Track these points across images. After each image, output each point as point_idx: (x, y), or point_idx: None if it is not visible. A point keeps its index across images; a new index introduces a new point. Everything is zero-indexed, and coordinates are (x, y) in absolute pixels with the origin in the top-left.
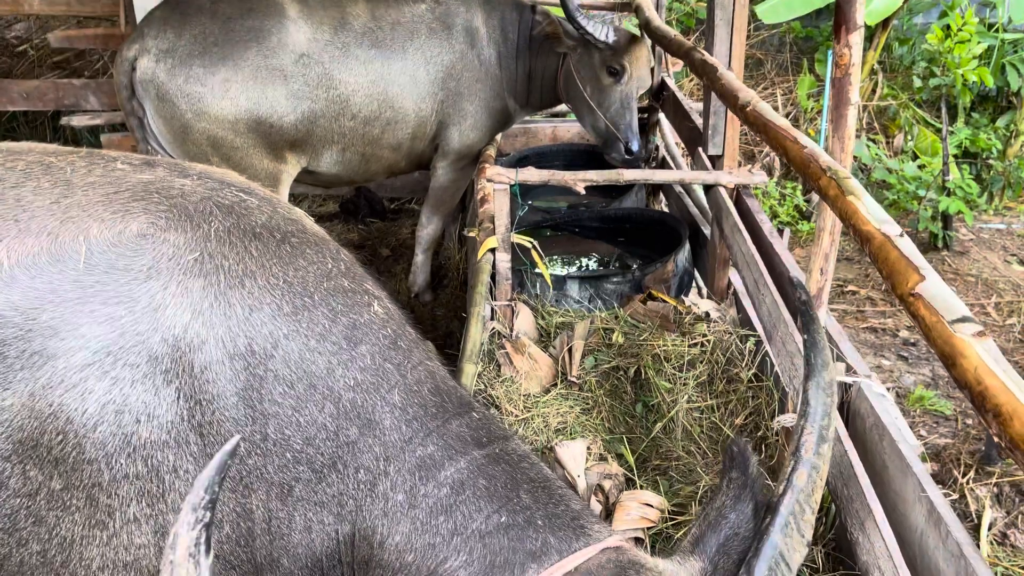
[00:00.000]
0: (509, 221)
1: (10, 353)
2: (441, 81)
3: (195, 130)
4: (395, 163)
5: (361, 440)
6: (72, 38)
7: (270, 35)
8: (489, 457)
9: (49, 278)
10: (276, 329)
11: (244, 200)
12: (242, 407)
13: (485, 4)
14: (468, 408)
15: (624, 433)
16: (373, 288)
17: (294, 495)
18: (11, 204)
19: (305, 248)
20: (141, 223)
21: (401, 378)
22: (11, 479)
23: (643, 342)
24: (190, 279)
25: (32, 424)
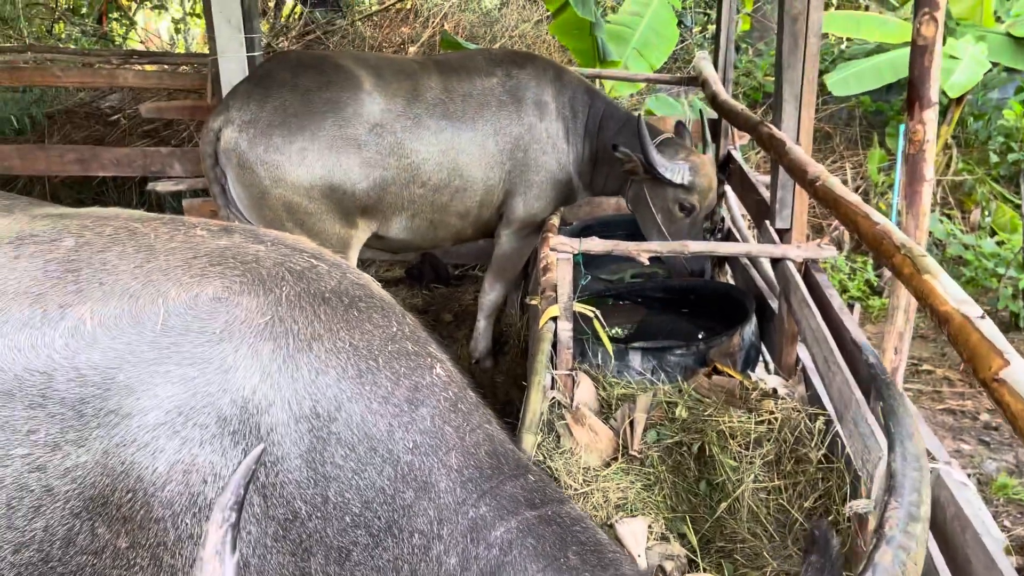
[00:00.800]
0: (572, 290)
1: (87, 411)
2: (509, 151)
3: (272, 196)
4: (462, 230)
5: (416, 503)
6: (162, 109)
7: (346, 106)
8: (541, 518)
9: (128, 339)
10: (340, 392)
11: (315, 266)
12: (305, 469)
13: (556, 80)
14: (524, 471)
15: (687, 512)
16: (436, 351)
17: (352, 559)
18: (97, 267)
19: (372, 312)
20: (217, 287)
21: (459, 440)
22: (79, 536)
23: (708, 417)
24: (260, 342)
25: (104, 481)
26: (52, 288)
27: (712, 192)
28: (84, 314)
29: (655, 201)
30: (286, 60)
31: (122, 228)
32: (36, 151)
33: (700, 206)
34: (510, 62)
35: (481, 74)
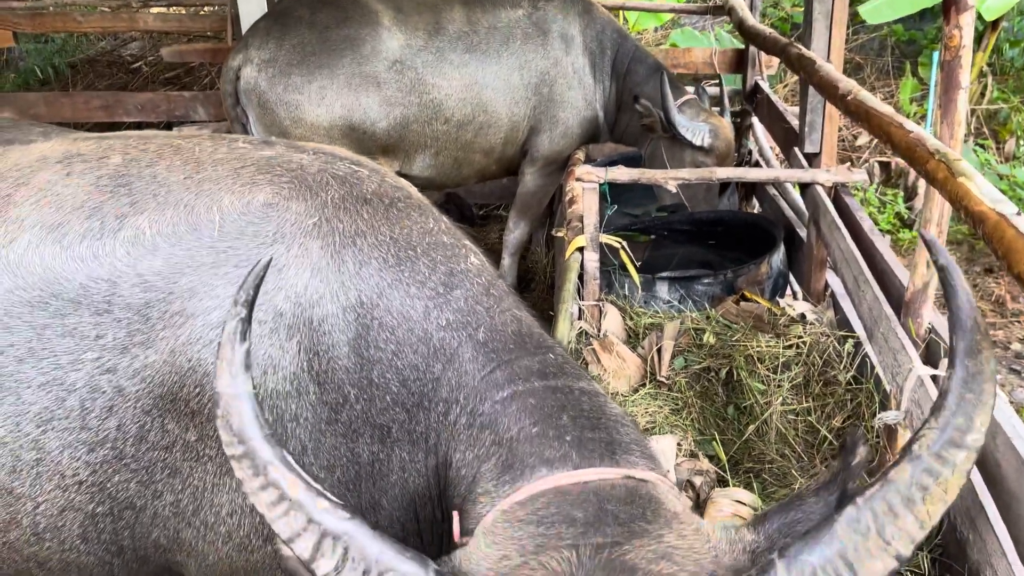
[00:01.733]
0: (598, 220)
1: (153, 314)
2: (535, 86)
3: (292, 136)
4: (486, 167)
5: (443, 375)
6: (183, 52)
7: (364, 43)
8: (548, 387)
9: (188, 245)
10: (382, 280)
11: (356, 171)
12: (352, 356)
13: (584, 14)
14: (546, 350)
15: (715, 435)
16: (471, 244)
17: (392, 436)
18: (148, 180)
19: (410, 211)
20: (267, 193)
21: (489, 319)
22: (151, 432)
23: (735, 343)
24: (309, 241)
25: (172, 379)
26: (107, 201)
27: (730, 158)
28: (143, 224)
29: (672, 162)
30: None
31: (165, 144)
32: (61, 98)
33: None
34: None
35: (506, 5)
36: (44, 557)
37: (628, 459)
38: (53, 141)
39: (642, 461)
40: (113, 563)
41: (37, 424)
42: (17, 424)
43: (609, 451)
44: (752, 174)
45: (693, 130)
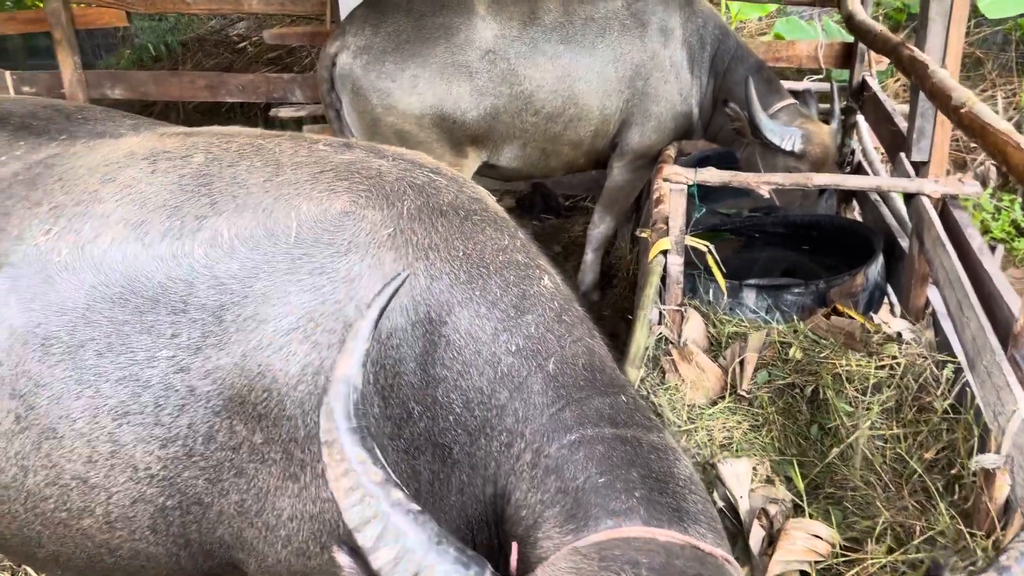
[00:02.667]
0: (684, 223)
1: (227, 317)
2: (629, 79)
3: (384, 124)
4: (574, 160)
5: (509, 403)
6: (284, 35)
7: (458, 31)
8: (618, 436)
9: (264, 250)
10: (452, 297)
11: (434, 180)
12: (418, 372)
13: (686, 6)
14: (618, 390)
15: (796, 456)
16: (546, 264)
17: (452, 457)
18: (228, 181)
19: (485, 225)
20: (344, 201)
21: (560, 348)
22: (219, 432)
23: (823, 360)
24: (383, 252)
25: (242, 382)
26: (188, 201)
27: (824, 165)
28: (221, 226)
29: (765, 167)
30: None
31: (247, 145)
32: (169, 77)
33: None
34: None
35: None
36: (115, 545)
37: (697, 529)
38: (142, 135)
39: (711, 535)
40: (180, 555)
41: (113, 417)
42: (95, 416)
43: (678, 517)
44: (851, 181)
45: (782, 135)
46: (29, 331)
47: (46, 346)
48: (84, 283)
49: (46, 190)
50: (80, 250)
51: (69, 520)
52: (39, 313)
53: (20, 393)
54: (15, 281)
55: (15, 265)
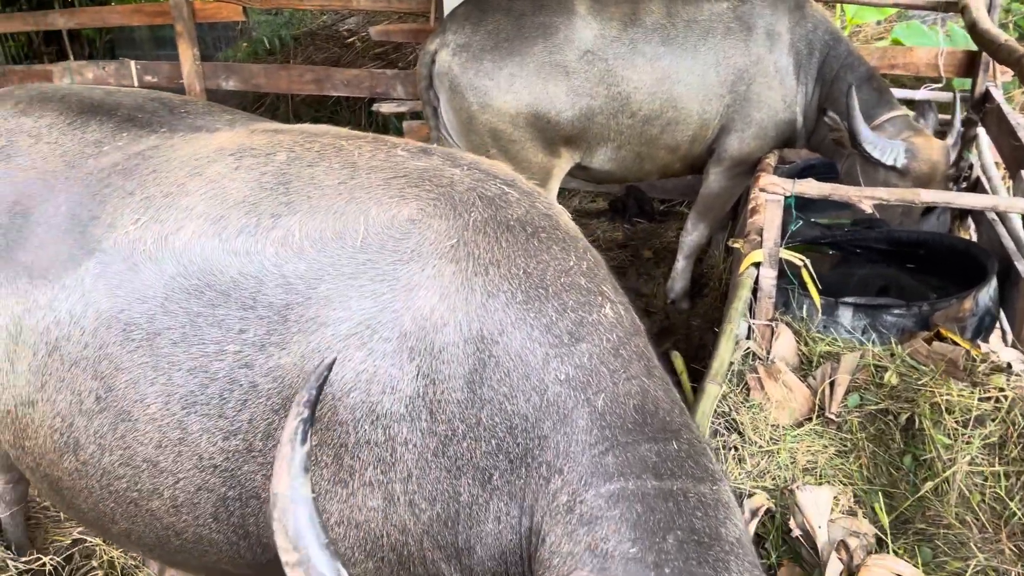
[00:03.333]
0: (779, 235)
1: (291, 317)
2: (731, 84)
3: (479, 121)
4: (669, 164)
5: (551, 436)
6: (389, 32)
7: (558, 31)
8: (661, 491)
9: (331, 252)
10: (506, 316)
11: (506, 193)
12: (466, 390)
13: (795, 11)
14: (670, 437)
15: (885, 486)
16: (611, 291)
17: (492, 483)
18: (306, 181)
19: (552, 244)
20: (412, 209)
21: (612, 385)
22: (278, 431)
23: (921, 387)
24: (444, 264)
25: (300, 383)
26: (266, 199)
27: (934, 183)
28: (293, 225)
29: (865, 180)
30: None
31: (329, 145)
32: (279, 71)
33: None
34: None
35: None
36: (180, 528)
37: None
38: (235, 131)
39: None
40: (240, 544)
41: (183, 406)
42: (166, 403)
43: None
44: (963, 200)
45: (884, 148)
46: (113, 316)
47: (127, 331)
48: (165, 273)
49: (140, 181)
50: (163, 241)
51: (139, 500)
52: (123, 299)
53: (102, 375)
54: (105, 267)
55: (106, 252)
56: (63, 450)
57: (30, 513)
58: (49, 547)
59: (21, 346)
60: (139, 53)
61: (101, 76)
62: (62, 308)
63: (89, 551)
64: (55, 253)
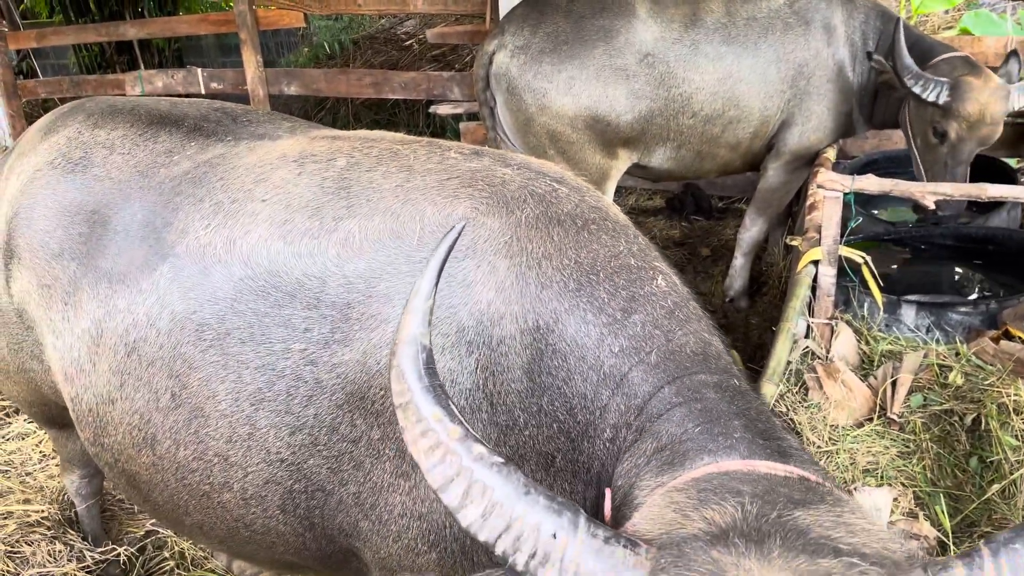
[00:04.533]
0: (838, 232)
1: (353, 315)
2: (791, 79)
3: (537, 123)
4: (730, 162)
5: (611, 401)
6: (445, 34)
7: (618, 34)
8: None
9: (389, 252)
10: (559, 305)
11: (556, 189)
12: (525, 380)
13: (847, 2)
14: (729, 374)
15: (949, 489)
16: (662, 266)
17: (555, 465)
18: (365, 185)
19: (601, 234)
20: (466, 208)
21: (666, 342)
22: (341, 425)
23: (988, 387)
24: (499, 260)
25: (362, 378)
26: (328, 202)
27: (983, 125)
28: (353, 228)
29: (914, 123)
30: None
31: (386, 150)
32: (338, 75)
33: (960, 136)
34: None
35: None
36: (249, 520)
37: (803, 466)
38: (296, 138)
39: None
40: (305, 536)
41: (251, 403)
42: (236, 400)
43: (781, 454)
44: None
45: (925, 84)
46: (187, 317)
47: (200, 332)
48: (233, 275)
49: (209, 188)
50: (232, 244)
51: (211, 493)
52: (195, 301)
53: (176, 373)
54: (178, 271)
55: (179, 256)
56: (140, 445)
57: (105, 506)
58: (123, 538)
59: (102, 347)
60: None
61: (170, 84)
62: (139, 311)
63: (161, 542)
64: (132, 259)
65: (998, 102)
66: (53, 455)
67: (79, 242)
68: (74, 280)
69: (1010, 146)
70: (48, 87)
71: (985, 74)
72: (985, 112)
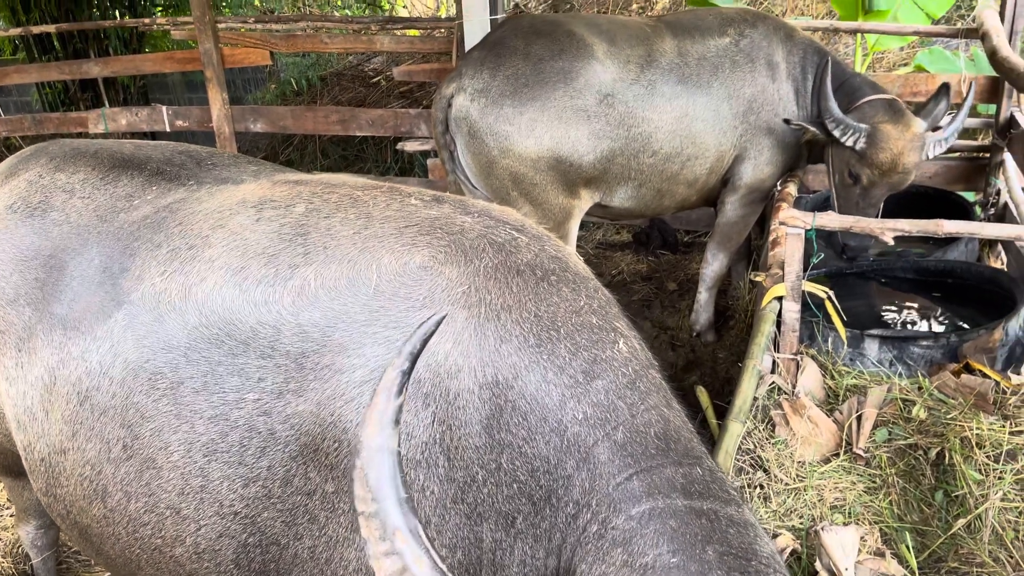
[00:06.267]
0: (801, 268)
1: (307, 364)
2: (743, 115)
3: (499, 166)
4: (687, 198)
5: (576, 475)
6: (412, 72)
7: (578, 76)
8: (692, 509)
9: (344, 300)
10: (519, 360)
11: (515, 238)
12: (484, 435)
13: (787, 40)
14: (693, 462)
15: (916, 524)
16: (623, 327)
17: (516, 527)
18: (323, 232)
19: (561, 286)
20: (424, 256)
21: (631, 418)
22: (295, 477)
23: (950, 421)
24: (457, 310)
25: (316, 430)
26: (285, 250)
27: (895, 174)
28: (309, 275)
29: (834, 161)
30: (519, 26)
31: (346, 196)
32: (305, 112)
33: (871, 181)
34: (742, 20)
35: (714, 34)
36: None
37: None
38: (259, 182)
39: None
40: None
41: (204, 454)
42: (188, 451)
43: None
44: (987, 230)
45: (845, 128)
46: (140, 366)
47: (152, 381)
48: (188, 323)
49: (167, 234)
50: (187, 292)
51: (164, 547)
52: (149, 349)
53: (128, 423)
54: (132, 319)
55: (134, 303)
56: (92, 497)
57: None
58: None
59: (55, 396)
60: (172, 97)
61: (134, 122)
62: (93, 359)
63: None
64: (87, 305)
65: (912, 153)
66: (8, 505)
67: (35, 287)
68: (29, 326)
69: (966, 180)
70: (9, 125)
71: (904, 122)
72: (898, 162)
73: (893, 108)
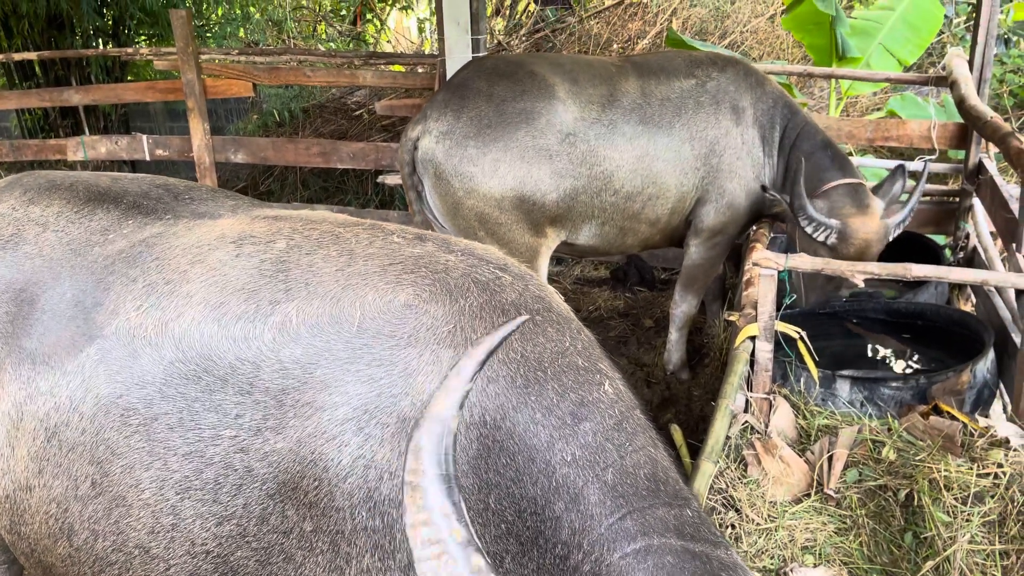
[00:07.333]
0: (774, 308)
1: (287, 401)
2: (704, 157)
3: (465, 206)
4: (650, 237)
5: (564, 515)
6: (393, 107)
7: (539, 116)
8: (686, 549)
9: (327, 338)
10: (507, 401)
11: (499, 277)
12: (471, 476)
13: (756, 87)
14: (683, 504)
15: (886, 565)
16: (607, 368)
17: (503, 567)
18: (304, 268)
19: (547, 326)
20: (408, 295)
21: (619, 459)
22: (272, 516)
23: (919, 462)
24: (442, 349)
25: (295, 468)
26: (265, 286)
27: (861, 259)
28: (291, 312)
29: (801, 240)
30: (482, 67)
31: (327, 232)
32: (286, 144)
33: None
34: (711, 64)
35: (680, 76)
36: None
37: None
38: (237, 217)
39: None
40: None
41: (177, 491)
42: (160, 488)
43: None
44: (954, 275)
45: (818, 225)
46: (112, 401)
47: (125, 417)
48: (164, 359)
49: (143, 268)
50: (163, 327)
51: None
52: (122, 385)
53: (98, 460)
54: (105, 354)
55: (107, 338)
56: (57, 536)
57: None
58: None
59: (22, 431)
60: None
61: (114, 150)
62: (62, 394)
63: None
64: (58, 340)
65: (878, 242)
66: None
67: (5, 321)
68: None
69: (936, 224)
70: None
71: (870, 213)
72: (865, 252)
73: (859, 196)
